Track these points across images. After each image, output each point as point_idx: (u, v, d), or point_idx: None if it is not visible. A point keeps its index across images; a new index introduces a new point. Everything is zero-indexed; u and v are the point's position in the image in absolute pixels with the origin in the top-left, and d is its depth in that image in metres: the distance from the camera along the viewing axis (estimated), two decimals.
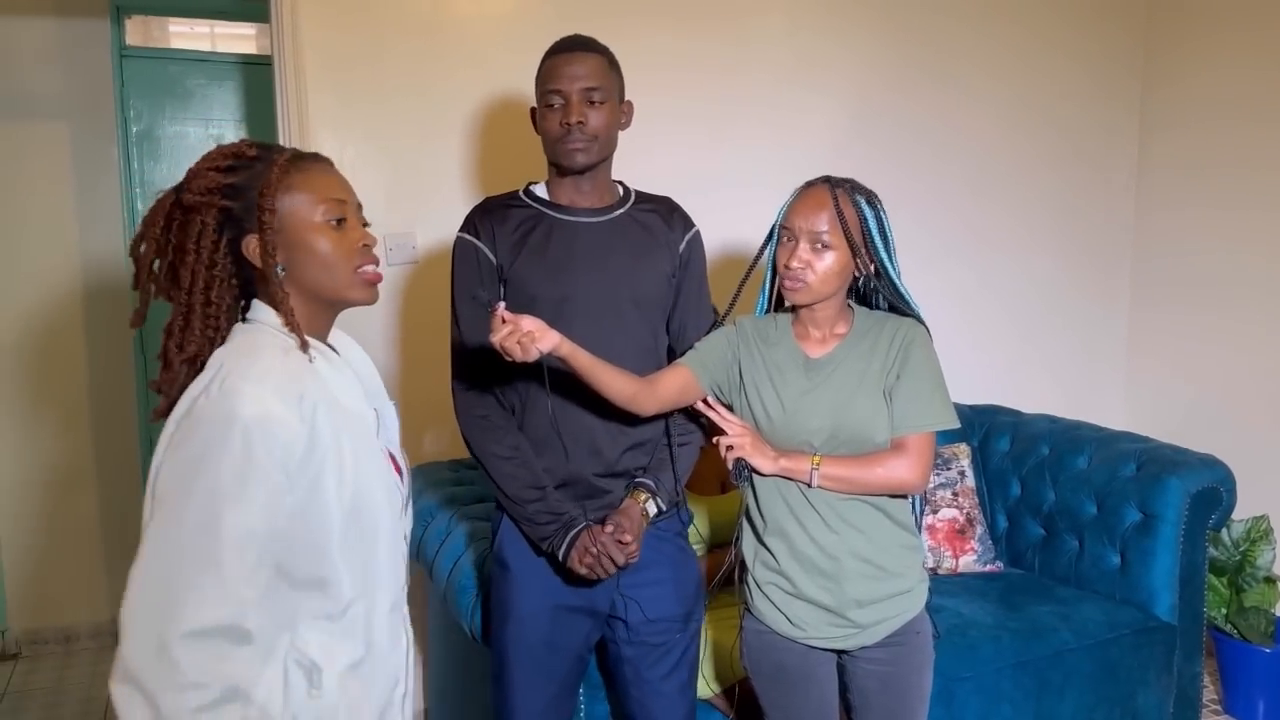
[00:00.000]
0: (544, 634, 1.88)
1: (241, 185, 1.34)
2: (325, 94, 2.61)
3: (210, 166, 1.35)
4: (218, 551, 1.19)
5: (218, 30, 4.45)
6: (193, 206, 1.34)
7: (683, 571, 1.98)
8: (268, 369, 1.27)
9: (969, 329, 3.42)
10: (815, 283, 1.74)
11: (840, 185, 1.77)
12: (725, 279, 2.96)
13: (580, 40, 1.88)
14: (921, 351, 1.78)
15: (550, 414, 1.83)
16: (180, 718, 1.16)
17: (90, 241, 3.63)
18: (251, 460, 1.20)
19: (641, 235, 1.93)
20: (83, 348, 3.65)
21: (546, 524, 1.83)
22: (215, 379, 1.25)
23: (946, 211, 3.39)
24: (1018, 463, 3.04)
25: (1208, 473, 2.69)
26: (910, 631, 1.82)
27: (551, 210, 1.89)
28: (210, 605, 1.18)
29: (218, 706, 1.19)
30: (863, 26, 3.20)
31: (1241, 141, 3.32)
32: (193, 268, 1.33)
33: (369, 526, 1.38)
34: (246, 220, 1.34)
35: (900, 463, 1.74)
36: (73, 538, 3.67)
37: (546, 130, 1.85)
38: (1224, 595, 3.03)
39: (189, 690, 1.17)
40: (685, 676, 1.98)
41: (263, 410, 1.22)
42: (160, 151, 4.05)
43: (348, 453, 1.33)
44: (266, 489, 1.22)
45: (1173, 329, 3.60)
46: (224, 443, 1.20)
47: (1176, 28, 3.52)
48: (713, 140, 3.04)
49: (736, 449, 1.74)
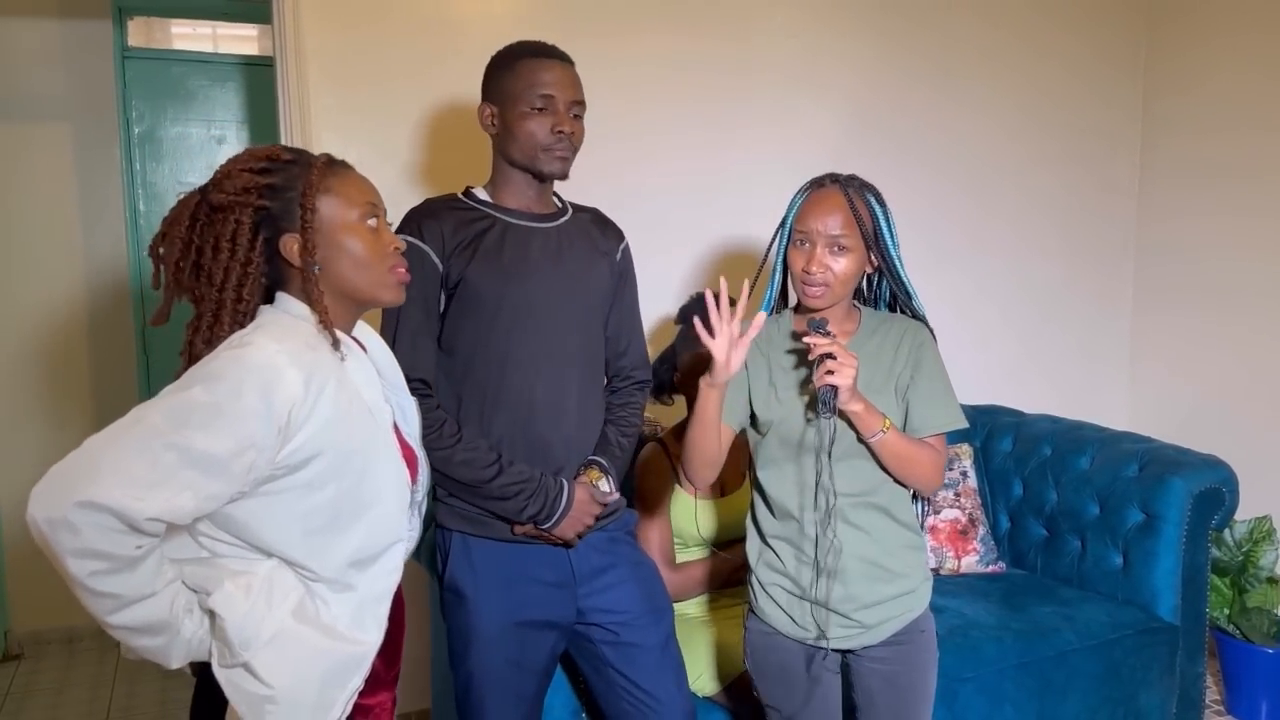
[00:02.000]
0: (510, 654, 1.85)
1: (279, 186, 1.39)
2: (327, 95, 2.61)
3: (244, 168, 1.39)
4: (160, 451, 1.21)
5: (220, 31, 4.45)
6: (224, 206, 1.38)
7: (641, 569, 1.99)
8: (289, 336, 1.33)
9: (972, 330, 3.42)
10: (836, 286, 1.74)
11: (850, 184, 1.77)
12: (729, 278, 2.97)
13: (561, 51, 1.88)
14: (932, 354, 1.80)
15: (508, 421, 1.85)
16: (76, 568, 1.21)
17: (93, 242, 3.64)
18: (238, 401, 1.24)
19: (586, 243, 1.94)
20: (86, 348, 3.66)
21: (515, 495, 1.79)
22: (239, 335, 1.34)
23: (950, 214, 3.39)
24: (1020, 463, 3.04)
25: (1210, 473, 2.68)
26: (915, 631, 1.82)
27: (502, 214, 1.87)
28: (120, 486, 1.20)
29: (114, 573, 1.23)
30: (864, 30, 3.20)
31: (1244, 144, 3.32)
32: (226, 265, 1.37)
33: (369, 520, 1.41)
34: (283, 220, 1.39)
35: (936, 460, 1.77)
36: None
37: (531, 133, 1.82)
38: (1226, 596, 3.02)
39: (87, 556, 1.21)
40: (675, 668, 1.97)
41: (270, 361, 1.28)
42: (162, 152, 4.06)
43: (357, 445, 1.37)
44: (242, 432, 1.25)
45: (1175, 330, 3.59)
46: (222, 375, 1.26)
47: (1178, 32, 3.52)
48: (715, 142, 3.03)
49: (840, 375, 1.60)
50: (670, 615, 2.02)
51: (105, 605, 1.24)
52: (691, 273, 3.00)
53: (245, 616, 1.33)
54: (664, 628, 1.98)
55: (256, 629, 1.33)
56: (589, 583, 1.90)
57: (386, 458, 1.45)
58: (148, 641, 1.30)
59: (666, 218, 2.95)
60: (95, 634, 3.73)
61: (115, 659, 3.63)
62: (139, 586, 1.25)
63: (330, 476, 1.35)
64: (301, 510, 1.35)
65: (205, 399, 1.24)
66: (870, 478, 1.76)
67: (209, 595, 1.33)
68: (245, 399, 1.24)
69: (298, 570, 1.38)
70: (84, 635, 3.73)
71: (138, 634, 1.29)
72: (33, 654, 3.67)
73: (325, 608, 1.39)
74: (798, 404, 1.77)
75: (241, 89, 4.17)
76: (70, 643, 3.72)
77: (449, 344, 1.85)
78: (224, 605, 1.33)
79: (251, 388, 1.25)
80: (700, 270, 3.02)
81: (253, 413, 1.25)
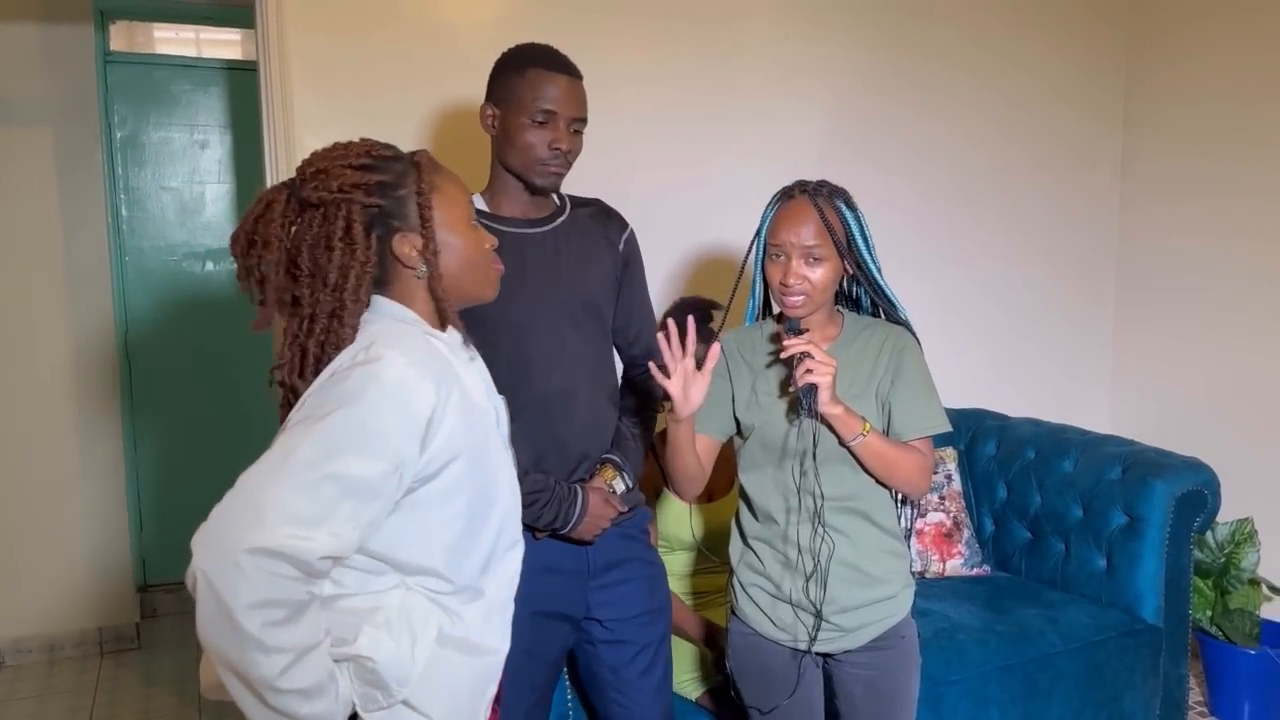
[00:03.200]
0: (525, 642, 1.86)
1: (389, 184, 1.34)
2: (311, 99, 2.60)
3: (344, 164, 1.33)
4: (318, 485, 1.17)
5: (203, 36, 4.44)
6: (327, 204, 1.32)
7: (650, 568, 2.01)
8: (413, 346, 1.30)
9: (954, 333, 3.44)
10: (815, 295, 1.75)
11: (819, 192, 1.77)
12: (712, 284, 2.98)
13: (571, 64, 1.87)
14: (914, 358, 1.80)
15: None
16: (249, 622, 1.13)
17: (75, 247, 3.61)
18: (380, 418, 1.21)
19: (584, 239, 1.94)
20: (66, 356, 3.63)
21: (530, 505, 1.80)
22: (363, 348, 1.27)
23: (931, 216, 3.40)
24: (1004, 466, 3.05)
25: (1192, 476, 2.70)
26: (895, 636, 1.82)
27: (496, 224, 1.86)
28: (286, 527, 1.15)
29: (291, 621, 1.17)
30: (846, 39, 3.21)
31: (1226, 146, 3.34)
32: (342, 263, 1.31)
33: (494, 522, 1.39)
34: (396, 218, 1.34)
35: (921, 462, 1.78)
36: (58, 548, 3.65)
37: (529, 145, 1.82)
38: (1209, 597, 3.04)
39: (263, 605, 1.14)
40: (661, 674, 1.99)
41: (402, 376, 1.24)
42: (145, 157, 4.04)
43: (479, 447, 1.35)
44: (389, 450, 1.22)
45: (1157, 332, 3.62)
46: (361, 396, 1.21)
47: (1159, 33, 3.54)
48: (698, 148, 3.04)
49: (818, 374, 1.64)
50: (668, 615, 2.04)
51: (277, 665, 1.15)
52: (672, 277, 3.01)
53: (395, 654, 1.29)
54: (659, 628, 1.99)
55: (410, 664, 1.30)
56: (601, 576, 1.92)
57: (502, 459, 1.44)
58: (314, 708, 1.21)
59: (647, 222, 2.95)
60: (76, 643, 3.70)
61: (97, 667, 3.61)
62: (308, 636, 1.19)
63: (464, 480, 1.33)
64: (441, 519, 1.32)
65: (350, 422, 1.20)
66: (851, 483, 1.77)
67: (350, 643, 1.28)
68: (388, 417, 1.22)
69: (432, 585, 1.34)
70: (65, 644, 3.69)
71: (306, 699, 1.19)
72: (14, 662, 3.64)
73: (460, 621, 1.36)
74: (779, 407, 1.78)
75: (225, 93, 4.15)
76: (51, 650, 3.68)
77: None
78: (373, 648, 1.28)
79: (392, 405, 1.22)
80: (680, 275, 3.02)
81: (397, 429, 1.22)
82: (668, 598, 2.05)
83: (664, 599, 2.02)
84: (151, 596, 4.05)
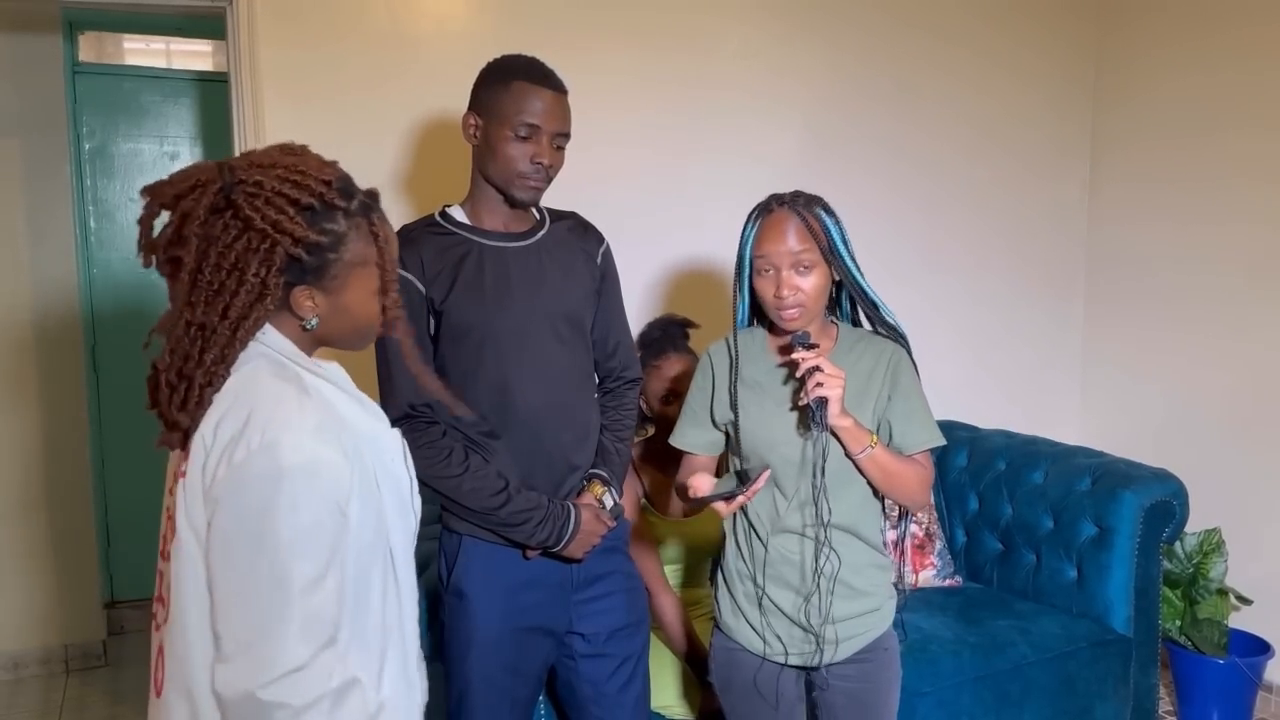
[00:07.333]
0: (507, 659, 1.87)
1: (324, 246, 1.25)
2: (281, 111, 2.59)
3: (289, 199, 1.23)
4: (292, 603, 1.17)
5: (173, 47, 4.40)
6: (253, 228, 1.22)
7: (630, 580, 2.01)
8: (299, 412, 1.22)
9: (926, 345, 3.40)
10: (810, 304, 1.74)
11: (797, 201, 1.77)
12: (686, 295, 2.99)
13: (557, 78, 1.86)
14: (909, 374, 1.81)
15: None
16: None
17: (41, 259, 3.56)
18: (308, 510, 1.18)
19: (565, 252, 1.94)
20: (34, 369, 3.58)
21: (523, 523, 1.81)
22: (251, 431, 1.19)
23: (903, 228, 3.42)
24: (975, 478, 3.07)
25: (1160, 486, 2.73)
26: (878, 648, 1.82)
27: (479, 237, 1.86)
28: (295, 644, 1.17)
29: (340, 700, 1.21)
30: (821, 48, 3.23)
31: (1192, 157, 3.38)
32: (245, 303, 1.23)
33: (397, 560, 1.36)
34: (310, 274, 1.26)
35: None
36: (24, 563, 3.59)
37: (510, 158, 1.81)
38: (1178, 607, 3.07)
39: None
40: (640, 688, 1.99)
41: (307, 457, 1.19)
42: (114, 169, 4.00)
43: (382, 486, 1.32)
44: (328, 534, 1.20)
45: (1126, 345, 3.65)
46: (276, 498, 1.17)
47: (1127, 47, 3.59)
48: (674, 157, 3.04)
49: (829, 387, 1.64)
50: (647, 628, 2.03)
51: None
52: (649, 289, 3.01)
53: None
54: (639, 640, 1.99)
55: None
56: (583, 590, 1.92)
57: (396, 486, 1.38)
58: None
59: (621, 235, 2.95)
60: (42, 660, 3.64)
61: (63, 685, 3.55)
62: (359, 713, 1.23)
63: (363, 518, 1.28)
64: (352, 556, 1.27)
65: (280, 533, 1.17)
66: (845, 500, 1.76)
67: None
68: (311, 508, 1.19)
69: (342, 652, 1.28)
70: (29, 661, 3.63)
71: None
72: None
73: (376, 693, 1.30)
74: (789, 421, 1.76)
75: (195, 105, 4.12)
76: (16, 668, 3.62)
77: (439, 369, 1.83)
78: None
79: (306, 492, 1.19)
80: (657, 287, 3.02)
81: (322, 514, 1.20)
82: (646, 610, 2.04)
83: (643, 612, 2.02)
84: (119, 613, 3.98)
